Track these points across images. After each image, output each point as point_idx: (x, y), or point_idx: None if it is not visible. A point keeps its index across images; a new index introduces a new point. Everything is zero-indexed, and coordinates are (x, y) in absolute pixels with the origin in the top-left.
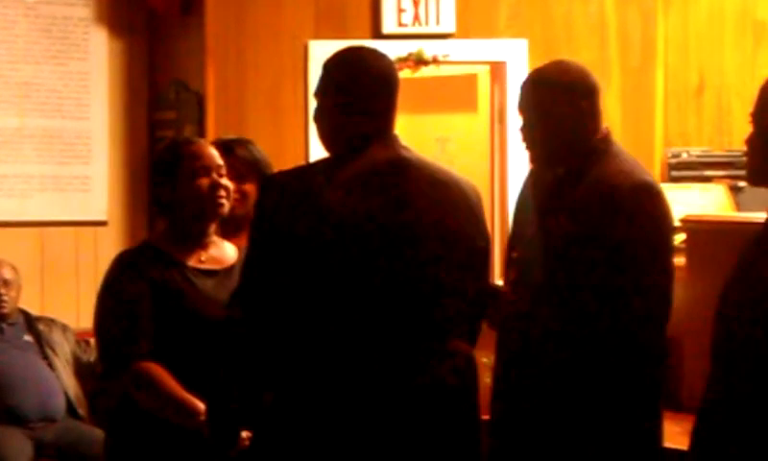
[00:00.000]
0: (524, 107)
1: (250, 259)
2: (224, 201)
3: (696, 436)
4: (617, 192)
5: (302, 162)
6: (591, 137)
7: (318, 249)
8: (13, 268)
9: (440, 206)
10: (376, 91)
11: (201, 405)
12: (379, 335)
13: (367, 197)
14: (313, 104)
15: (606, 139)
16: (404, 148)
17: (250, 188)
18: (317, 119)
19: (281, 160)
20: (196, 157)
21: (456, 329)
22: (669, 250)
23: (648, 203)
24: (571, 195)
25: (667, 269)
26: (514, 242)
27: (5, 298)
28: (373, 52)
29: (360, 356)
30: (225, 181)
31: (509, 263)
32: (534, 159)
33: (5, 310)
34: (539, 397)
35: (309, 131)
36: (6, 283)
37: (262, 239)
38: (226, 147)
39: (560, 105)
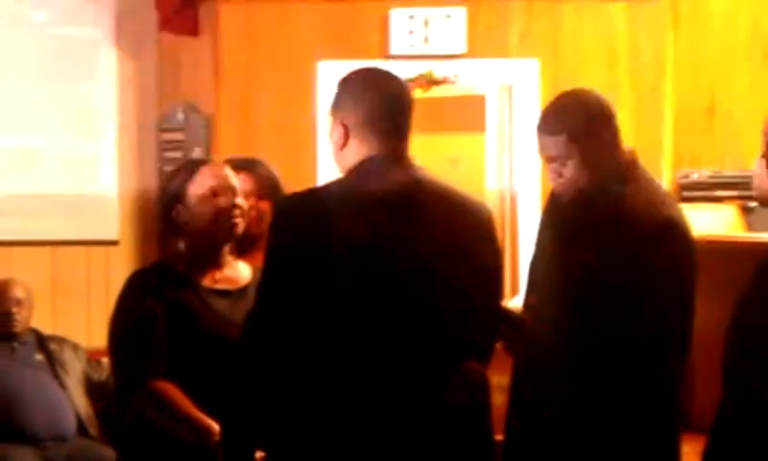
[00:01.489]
0: (543, 153)
1: (265, 282)
2: (238, 220)
3: (708, 456)
4: (645, 228)
5: (312, 183)
6: (614, 162)
7: (332, 270)
8: (26, 287)
9: (453, 226)
10: (390, 112)
11: (215, 425)
12: (392, 355)
13: (381, 218)
14: (322, 124)
15: (631, 167)
16: (418, 169)
17: (265, 206)
18: (330, 138)
19: (291, 182)
20: (210, 177)
21: (469, 349)
22: (694, 287)
23: (676, 240)
24: (595, 224)
25: (691, 305)
26: (535, 266)
27: (16, 317)
28: (387, 73)
29: (373, 376)
30: (239, 200)
31: (530, 287)
32: (557, 191)
33: (16, 329)
34: (556, 419)
35: (318, 151)
36: (18, 302)
37: (277, 262)
38: (243, 165)
39: (583, 136)
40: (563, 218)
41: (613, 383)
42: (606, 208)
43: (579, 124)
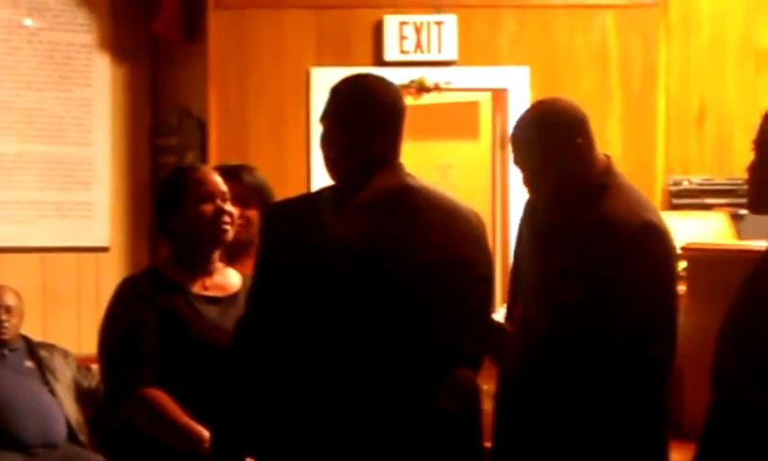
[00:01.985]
0: (520, 154)
1: (255, 288)
2: (228, 227)
3: None
4: (625, 232)
5: (305, 189)
6: (590, 169)
7: (323, 277)
8: (17, 294)
9: (444, 233)
10: (381, 119)
11: (205, 432)
12: (383, 362)
13: (372, 225)
14: (315, 130)
15: (608, 172)
16: (409, 176)
17: (253, 214)
18: (322, 145)
19: (284, 187)
20: (200, 183)
21: (460, 356)
22: (675, 290)
23: (656, 243)
24: (575, 231)
25: (674, 309)
26: (516, 276)
27: (5, 324)
28: (380, 80)
29: (363, 383)
30: (229, 207)
31: (513, 298)
32: (535, 199)
33: (5, 337)
34: (541, 428)
35: (311, 157)
36: (8, 310)
37: (267, 268)
38: (230, 173)
39: (557, 147)
40: (541, 225)
41: (599, 387)
42: (584, 213)
43: (552, 132)
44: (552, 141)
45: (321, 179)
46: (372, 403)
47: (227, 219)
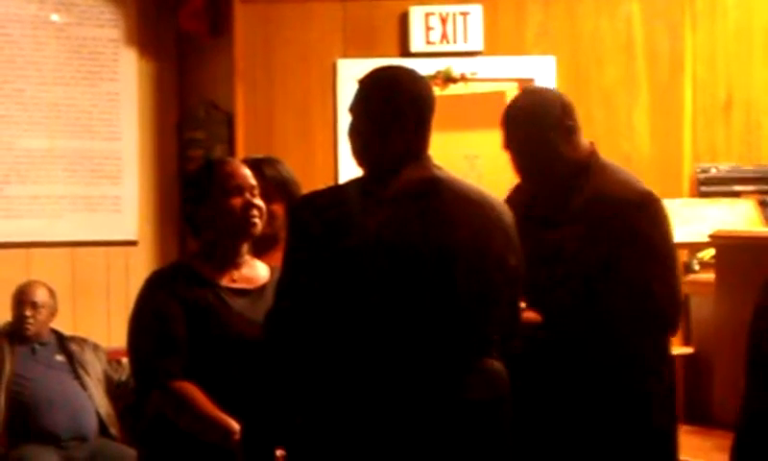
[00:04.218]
0: (514, 143)
1: (284, 280)
2: (256, 220)
3: (738, 451)
4: (628, 202)
5: (332, 181)
6: (580, 150)
7: (352, 269)
8: (50, 291)
9: (473, 224)
10: (410, 110)
11: (235, 424)
12: (413, 352)
13: (401, 217)
14: (342, 122)
15: (595, 153)
16: (437, 167)
17: (277, 208)
18: (350, 135)
19: (311, 179)
20: (229, 176)
21: (489, 346)
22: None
23: (659, 210)
24: (572, 208)
25: (679, 274)
26: None
27: (30, 320)
28: (410, 71)
29: (393, 374)
30: (258, 200)
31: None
32: (530, 185)
33: (29, 332)
34: (548, 401)
35: (338, 149)
36: (33, 306)
37: (296, 260)
38: (253, 167)
39: (549, 133)
40: (538, 207)
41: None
42: (583, 188)
43: (544, 115)
44: (545, 124)
45: (348, 171)
46: (403, 394)
47: (255, 213)
